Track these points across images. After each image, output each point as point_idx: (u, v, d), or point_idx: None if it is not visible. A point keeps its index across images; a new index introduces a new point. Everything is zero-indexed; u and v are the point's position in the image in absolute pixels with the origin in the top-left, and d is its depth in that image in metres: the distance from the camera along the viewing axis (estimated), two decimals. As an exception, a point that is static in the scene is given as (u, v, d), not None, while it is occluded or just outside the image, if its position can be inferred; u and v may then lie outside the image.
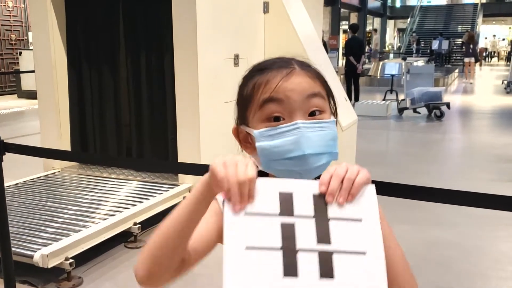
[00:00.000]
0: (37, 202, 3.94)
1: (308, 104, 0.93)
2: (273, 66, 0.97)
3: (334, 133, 0.95)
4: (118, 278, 3.17)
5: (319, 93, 0.95)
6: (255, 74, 0.98)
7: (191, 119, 4.22)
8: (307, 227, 0.77)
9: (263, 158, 0.94)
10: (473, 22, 29.26)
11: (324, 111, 0.95)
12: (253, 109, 0.96)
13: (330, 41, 21.74)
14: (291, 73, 0.94)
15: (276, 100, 0.92)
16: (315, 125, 0.92)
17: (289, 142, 0.91)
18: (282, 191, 0.79)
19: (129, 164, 4.08)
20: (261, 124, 0.94)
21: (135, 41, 4.62)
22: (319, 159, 0.92)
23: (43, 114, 4.92)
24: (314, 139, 0.91)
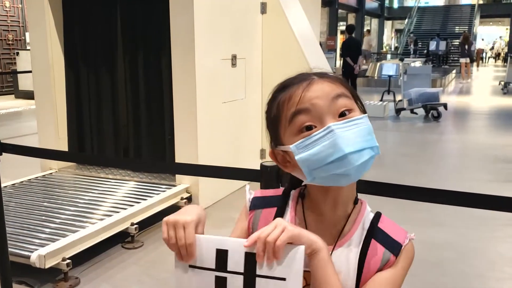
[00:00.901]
0: (34, 203, 3.93)
1: (335, 106, 0.93)
2: (293, 82, 0.98)
3: (370, 128, 0.94)
4: (115, 278, 3.16)
5: (343, 93, 0.95)
6: (277, 95, 0.99)
7: (189, 119, 4.22)
8: (236, 281, 0.87)
9: (306, 169, 0.93)
10: (470, 23, 29.32)
11: (353, 109, 0.95)
12: (283, 127, 0.96)
13: (327, 42, 21.77)
14: (311, 83, 0.95)
15: (303, 110, 0.93)
16: (348, 124, 0.91)
17: (327, 147, 0.90)
18: (218, 248, 0.89)
19: (127, 164, 4.07)
20: (295, 137, 0.94)
21: (133, 41, 4.62)
22: (360, 155, 0.91)
23: (40, 114, 4.92)
24: (351, 137, 0.90)
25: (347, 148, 0.89)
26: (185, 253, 0.89)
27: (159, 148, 4.64)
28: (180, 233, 0.88)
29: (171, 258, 2.79)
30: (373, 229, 0.99)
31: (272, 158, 1.02)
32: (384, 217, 1.03)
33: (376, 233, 0.99)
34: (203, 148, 4.28)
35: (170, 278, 3.14)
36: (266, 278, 0.85)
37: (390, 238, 0.98)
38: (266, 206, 1.06)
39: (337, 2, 25.63)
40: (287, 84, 0.98)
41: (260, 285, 0.86)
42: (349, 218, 1.00)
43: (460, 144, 7.73)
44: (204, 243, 0.89)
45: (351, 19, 30.15)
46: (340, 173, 0.91)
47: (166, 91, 4.44)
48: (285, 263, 0.85)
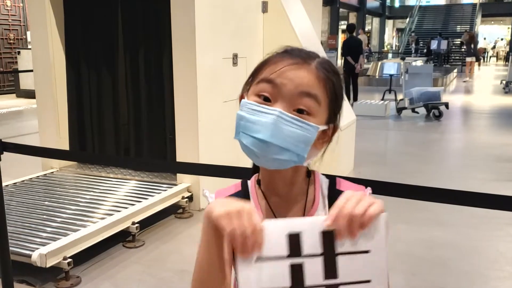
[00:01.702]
0: (35, 202, 3.93)
1: (297, 100, 0.92)
2: (294, 52, 0.97)
3: (309, 138, 0.93)
4: (116, 277, 3.16)
5: (315, 96, 0.93)
6: (277, 53, 0.99)
7: (190, 118, 4.22)
8: (315, 265, 0.80)
9: (237, 127, 0.96)
10: (471, 22, 29.30)
11: (313, 115, 0.93)
12: (255, 80, 0.98)
13: (329, 41, 21.76)
14: (301, 65, 0.94)
15: (271, 82, 0.93)
16: (293, 121, 0.91)
17: (260, 123, 0.91)
18: (290, 232, 0.80)
19: (128, 163, 4.08)
20: (253, 97, 0.95)
21: (134, 40, 4.61)
22: (280, 152, 0.92)
23: (42, 113, 4.92)
24: (284, 133, 0.91)
25: (272, 139, 0.90)
26: (252, 244, 0.79)
27: (160, 147, 4.64)
28: (246, 221, 0.79)
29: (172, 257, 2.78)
30: (333, 193, 1.01)
31: (239, 100, 1.02)
32: (340, 179, 1.05)
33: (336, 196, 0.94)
34: (204, 147, 4.28)
35: (171, 277, 3.15)
36: (349, 255, 0.80)
37: None
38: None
39: (338, 1, 25.62)
40: (288, 52, 0.98)
41: (343, 263, 0.80)
42: (308, 191, 1.02)
43: (462, 143, 7.72)
44: (272, 229, 0.80)
45: (352, 18, 30.14)
46: (254, 151, 0.93)
47: (167, 90, 4.44)
48: (367, 234, 0.80)
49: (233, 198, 0.96)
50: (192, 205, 4.32)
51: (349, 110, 5.84)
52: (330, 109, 0.96)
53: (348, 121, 5.33)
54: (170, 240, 3.74)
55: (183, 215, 4.20)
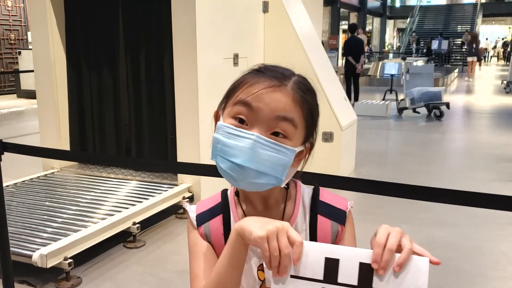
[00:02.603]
0: (36, 202, 3.93)
1: (274, 124, 0.91)
2: (269, 73, 0.96)
3: (287, 161, 0.92)
4: (117, 278, 3.16)
5: (291, 120, 0.92)
6: (252, 72, 0.98)
7: (191, 118, 4.22)
8: None
9: (214, 150, 0.96)
10: (472, 22, 29.29)
11: (289, 138, 0.93)
12: (230, 102, 0.96)
13: (329, 41, 21.75)
14: (277, 88, 0.93)
15: (248, 105, 0.92)
16: (271, 145, 0.91)
17: (237, 148, 0.91)
18: (328, 257, 0.80)
19: (129, 163, 4.07)
20: (229, 119, 0.95)
21: (134, 40, 4.61)
22: (257, 176, 0.91)
23: (42, 113, 4.92)
24: (261, 157, 0.90)
25: (249, 163, 0.90)
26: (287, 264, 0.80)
27: (161, 147, 4.63)
28: (285, 241, 0.80)
29: (173, 258, 2.78)
30: (316, 204, 1.02)
31: (214, 117, 1.02)
32: (323, 189, 1.05)
33: (319, 207, 1.01)
34: (205, 147, 4.26)
35: (172, 278, 3.14)
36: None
37: (333, 208, 1.01)
38: (211, 217, 1.06)
39: (339, 1, 25.61)
40: (263, 71, 0.97)
41: None
42: (287, 202, 1.02)
43: (463, 143, 7.71)
44: (312, 250, 0.80)
45: (353, 18, 30.13)
46: (232, 174, 0.92)
47: (168, 90, 4.44)
48: (407, 276, 0.76)
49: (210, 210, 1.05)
50: (193, 206, 4.31)
51: (350, 110, 5.83)
52: (307, 130, 0.97)
53: (349, 121, 5.33)
54: (171, 241, 3.74)
55: (184, 216, 4.19)
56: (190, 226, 1.08)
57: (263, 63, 1.01)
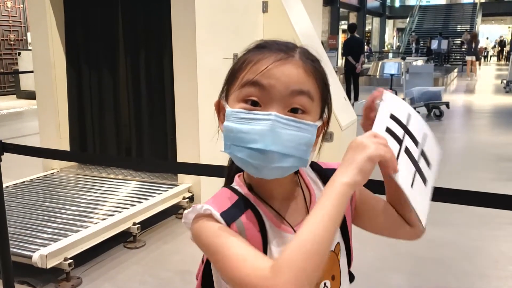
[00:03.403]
0: (36, 203, 3.93)
1: (291, 99, 0.84)
2: (272, 47, 0.89)
3: (310, 139, 0.86)
4: (117, 278, 3.16)
5: (308, 92, 0.86)
6: (252, 49, 0.91)
7: (190, 119, 4.22)
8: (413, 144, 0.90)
9: (227, 140, 0.87)
10: (472, 21, 29.30)
11: (308, 113, 0.86)
12: (235, 86, 0.89)
13: (329, 41, 21.75)
14: (285, 60, 0.86)
15: (258, 84, 0.84)
16: (291, 123, 0.83)
17: (255, 132, 0.82)
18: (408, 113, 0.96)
19: (129, 164, 4.07)
20: (238, 104, 0.86)
21: (134, 41, 4.61)
22: (282, 159, 0.83)
23: (42, 114, 4.92)
24: (284, 137, 0.83)
25: (272, 146, 0.82)
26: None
27: (161, 147, 4.63)
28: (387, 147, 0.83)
29: (173, 258, 2.79)
30: (322, 172, 0.99)
31: (215, 108, 0.95)
32: (319, 161, 1.02)
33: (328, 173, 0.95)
34: (205, 147, 4.27)
35: (172, 278, 3.14)
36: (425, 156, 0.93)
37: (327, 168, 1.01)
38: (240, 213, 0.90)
39: (339, 1, 25.61)
40: (265, 45, 0.90)
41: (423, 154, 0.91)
42: (301, 185, 0.97)
43: (463, 142, 7.71)
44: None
45: (353, 18, 30.12)
46: (253, 163, 0.84)
47: (168, 91, 4.44)
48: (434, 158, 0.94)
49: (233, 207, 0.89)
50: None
51: (350, 110, 5.83)
52: (323, 101, 0.91)
53: (349, 121, 5.33)
54: (171, 241, 3.74)
55: (184, 216, 4.19)
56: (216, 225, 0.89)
57: (261, 39, 0.94)
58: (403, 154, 0.86)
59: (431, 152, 0.92)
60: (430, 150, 0.92)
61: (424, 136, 0.92)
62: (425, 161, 0.90)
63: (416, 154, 0.88)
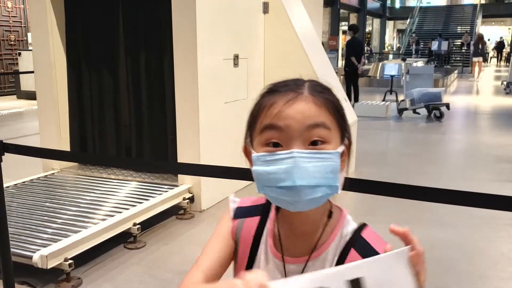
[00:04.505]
0: (36, 203, 3.93)
1: (308, 133, 0.89)
2: (281, 89, 0.94)
3: (335, 165, 0.90)
4: (117, 279, 3.16)
5: (323, 124, 0.90)
6: (265, 95, 0.96)
7: (191, 119, 4.22)
8: None
9: (258, 183, 0.92)
10: (472, 23, 29.30)
11: (328, 142, 0.90)
12: (256, 131, 0.94)
13: (329, 42, 21.75)
14: (296, 99, 0.91)
15: (275, 127, 0.90)
16: (313, 155, 0.88)
17: (282, 171, 0.87)
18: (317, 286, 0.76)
19: (129, 164, 4.07)
20: (261, 148, 0.91)
21: (135, 41, 4.62)
22: (313, 191, 0.88)
23: (42, 114, 4.92)
24: (309, 170, 0.87)
25: (300, 181, 0.86)
26: None
27: (161, 148, 4.64)
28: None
29: (173, 258, 2.79)
30: (354, 237, 0.97)
31: (243, 153, 1.00)
32: (370, 227, 1.00)
33: (356, 242, 0.96)
34: (205, 148, 4.27)
35: (172, 279, 3.14)
36: None
37: (369, 247, 0.95)
38: (249, 215, 1.06)
39: (339, 2, 25.62)
40: (275, 89, 0.95)
41: None
42: (325, 230, 0.98)
43: (463, 144, 7.71)
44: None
45: (353, 19, 30.13)
46: (287, 200, 0.89)
47: (168, 91, 4.44)
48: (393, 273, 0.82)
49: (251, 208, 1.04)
50: (193, 206, 4.32)
51: (350, 111, 5.83)
52: (340, 127, 0.94)
53: (350, 122, 5.31)
54: (172, 241, 3.74)
55: (184, 216, 4.19)
56: (226, 216, 1.08)
57: (271, 83, 0.98)
58: None
59: None
60: None
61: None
62: None
63: None
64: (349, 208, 1.05)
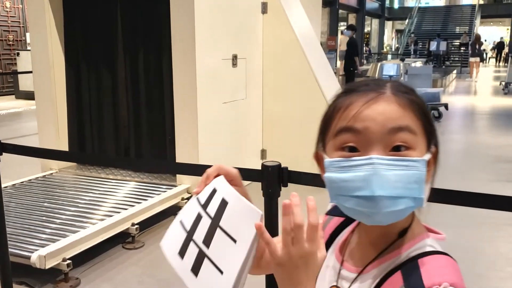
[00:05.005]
0: (34, 203, 3.93)
1: (391, 138, 0.78)
2: (360, 88, 0.84)
3: (420, 175, 0.79)
4: (116, 279, 3.16)
5: (407, 127, 0.79)
6: (341, 95, 0.87)
7: (189, 119, 4.22)
8: (206, 224, 0.88)
9: (331, 191, 0.83)
10: (471, 23, 29.31)
11: (413, 148, 0.79)
12: (330, 135, 0.84)
13: (328, 42, 21.75)
14: (376, 99, 0.80)
15: (352, 130, 0.80)
16: (396, 163, 0.77)
17: (359, 178, 0.78)
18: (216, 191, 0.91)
19: (127, 164, 4.07)
20: (335, 153, 0.82)
21: (133, 41, 4.61)
22: (393, 203, 0.78)
23: (41, 114, 4.91)
24: (390, 179, 0.77)
25: (379, 190, 0.77)
26: (203, 181, 0.94)
27: (160, 148, 4.63)
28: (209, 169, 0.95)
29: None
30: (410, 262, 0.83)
31: (314, 159, 0.91)
32: (442, 258, 0.87)
33: (407, 265, 0.83)
34: (204, 148, 4.27)
35: (170, 279, 3.14)
36: (224, 233, 0.85)
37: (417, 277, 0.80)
38: (338, 214, 0.98)
39: (338, 2, 25.62)
40: (353, 89, 0.85)
41: (217, 236, 0.86)
42: (390, 247, 0.86)
43: (461, 144, 7.72)
44: (217, 183, 0.93)
45: (352, 19, 30.14)
46: (363, 211, 0.79)
47: (167, 91, 4.44)
48: (242, 225, 0.84)
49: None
50: (191, 206, 4.31)
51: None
52: (426, 132, 0.83)
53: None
54: (170, 241, 3.73)
55: (182, 216, 4.18)
56: None
57: (348, 83, 0.89)
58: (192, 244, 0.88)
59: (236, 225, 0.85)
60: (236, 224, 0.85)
61: (220, 210, 0.88)
62: (229, 237, 0.85)
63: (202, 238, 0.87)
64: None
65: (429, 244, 0.88)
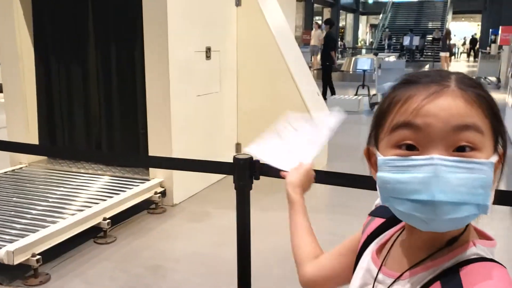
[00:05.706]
0: (3, 198, 3.84)
1: (455, 137, 0.71)
2: (421, 80, 0.76)
3: (487, 179, 0.71)
4: (87, 274, 3.11)
5: (474, 125, 0.71)
6: (399, 86, 0.79)
7: (162, 112, 4.17)
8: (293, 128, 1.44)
9: (383, 192, 0.76)
10: (443, 18, 29.79)
11: (479, 149, 0.71)
12: (385, 130, 0.77)
13: (303, 36, 21.83)
14: (440, 92, 0.73)
15: (411, 125, 0.73)
16: (460, 165, 0.70)
17: (417, 180, 0.71)
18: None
19: (99, 158, 4.01)
20: (390, 150, 0.75)
21: (105, 32, 4.53)
22: (455, 210, 0.70)
23: (10, 107, 4.80)
24: (453, 183, 0.69)
25: (440, 195, 0.69)
26: None
27: (132, 141, 4.57)
28: None
29: (144, 253, 2.75)
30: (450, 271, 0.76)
31: (365, 155, 0.86)
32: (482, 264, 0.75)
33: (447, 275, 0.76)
34: (177, 141, 4.23)
35: (143, 273, 3.11)
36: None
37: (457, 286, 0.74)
38: (380, 215, 0.95)
39: (313, -4, 25.72)
40: (413, 80, 0.77)
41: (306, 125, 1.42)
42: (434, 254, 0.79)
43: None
44: None
45: (327, 13, 30.29)
46: (419, 217, 0.72)
47: (139, 84, 4.38)
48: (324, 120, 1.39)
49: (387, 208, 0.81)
50: (165, 201, 4.27)
51: (322, 105, 5.86)
52: (494, 132, 0.75)
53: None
54: (143, 236, 3.69)
55: (155, 211, 4.15)
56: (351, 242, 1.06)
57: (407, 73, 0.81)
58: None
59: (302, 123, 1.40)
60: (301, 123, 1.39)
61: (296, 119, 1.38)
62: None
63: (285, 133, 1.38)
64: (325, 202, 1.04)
65: (475, 252, 0.78)
